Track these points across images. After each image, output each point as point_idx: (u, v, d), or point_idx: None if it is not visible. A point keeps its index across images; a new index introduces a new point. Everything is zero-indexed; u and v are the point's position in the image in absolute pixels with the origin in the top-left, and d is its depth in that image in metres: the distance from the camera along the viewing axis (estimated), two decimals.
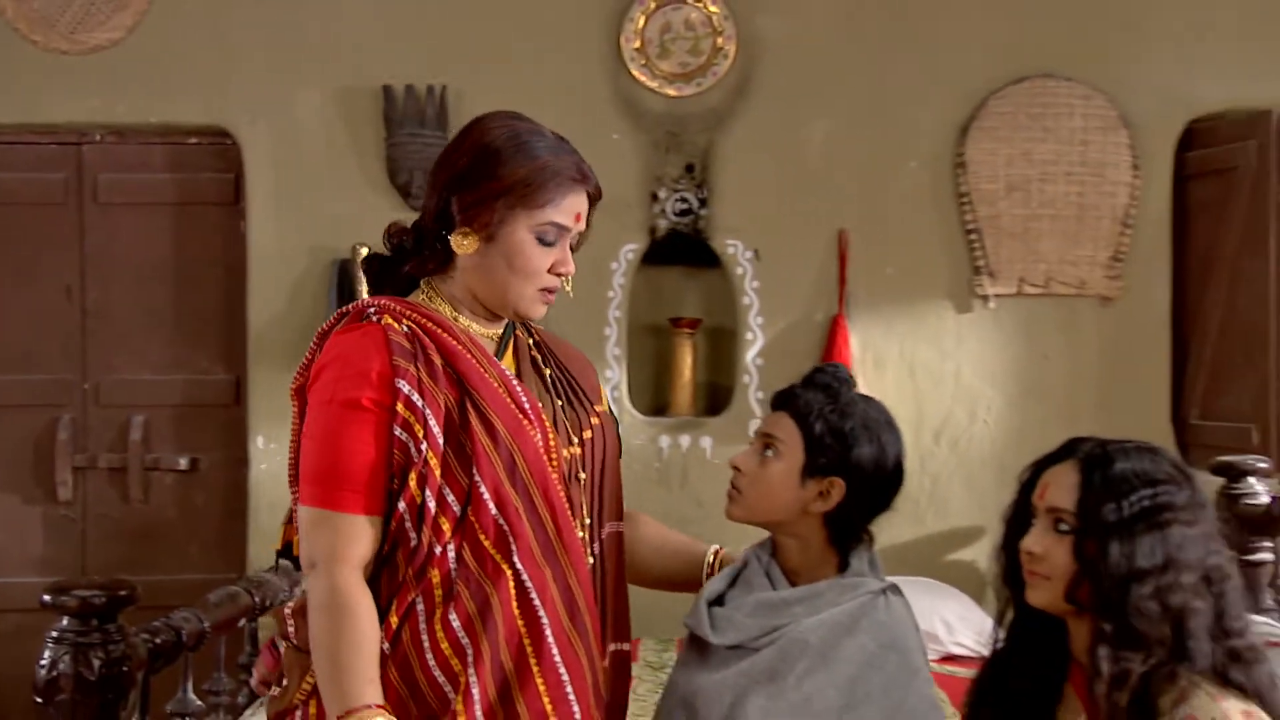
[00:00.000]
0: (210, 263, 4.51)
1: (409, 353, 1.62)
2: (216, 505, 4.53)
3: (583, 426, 1.79)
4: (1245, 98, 4.33)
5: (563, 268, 1.72)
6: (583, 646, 1.63)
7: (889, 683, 1.69)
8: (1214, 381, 4.30)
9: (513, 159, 1.67)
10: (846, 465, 1.75)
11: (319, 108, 4.39)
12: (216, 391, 4.52)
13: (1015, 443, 4.35)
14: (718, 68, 4.38)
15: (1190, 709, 1.49)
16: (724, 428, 4.41)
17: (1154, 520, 1.54)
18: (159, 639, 2.43)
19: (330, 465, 1.60)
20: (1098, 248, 4.37)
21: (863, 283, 4.39)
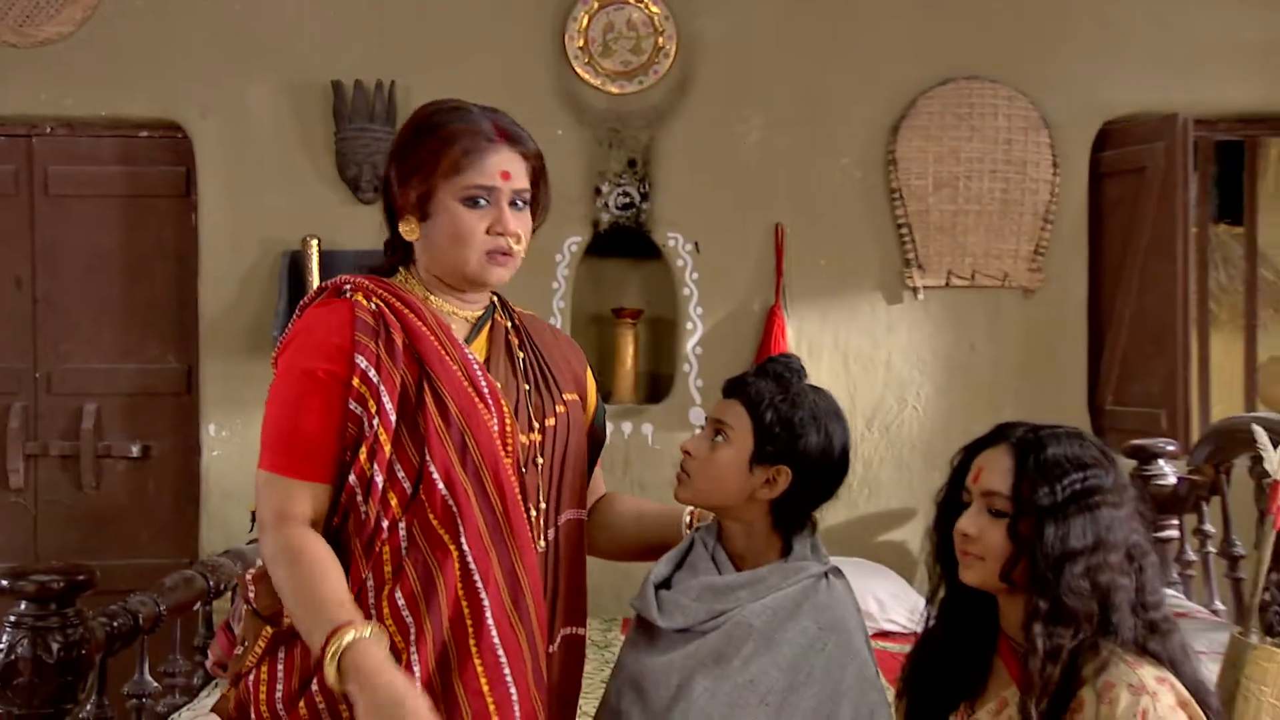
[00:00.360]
0: (161, 254, 4.52)
1: (371, 329, 1.65)
2: (168, 492, 4.55)
3: (547, 413, 1.78)
4: (1154, 101, 4.45)
5: (499, 227, 1.70)
6: (524, 630, 1.63)
7: (829, 663, 1.71)
8: (1126, 370, 4.40)
9: (427, 137, 1.71)
10: (794, 454, 1.75)
11: (269, 102, 4.41)
12: (168, 380, 4.54)
13: (943, 427, 4.47)
14: (659, 66, 4.45)
15: (1109, 677, 1.55)
16: (665, 415, 4.48)
17: (1085, 503, 1.59)
18: (116, 622, 2.44)
19: (282, 431, 1.63)
20: (1020, 242, 4.46)
21: (798, 275, 4.47)
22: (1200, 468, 3.46)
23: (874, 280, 4.51)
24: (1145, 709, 1.51)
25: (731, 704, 1.67)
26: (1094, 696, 1.56)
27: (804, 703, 1.68)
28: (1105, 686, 1.55)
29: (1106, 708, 1.54)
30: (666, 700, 1.69)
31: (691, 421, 4.46)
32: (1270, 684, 1.79)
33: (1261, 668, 1.79)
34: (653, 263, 4.58)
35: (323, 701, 1.58)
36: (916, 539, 4.43)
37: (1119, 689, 1.54)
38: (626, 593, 4.47)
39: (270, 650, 1.65)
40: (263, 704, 1.63)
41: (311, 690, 1.58)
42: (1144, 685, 1.53)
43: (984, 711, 1.70)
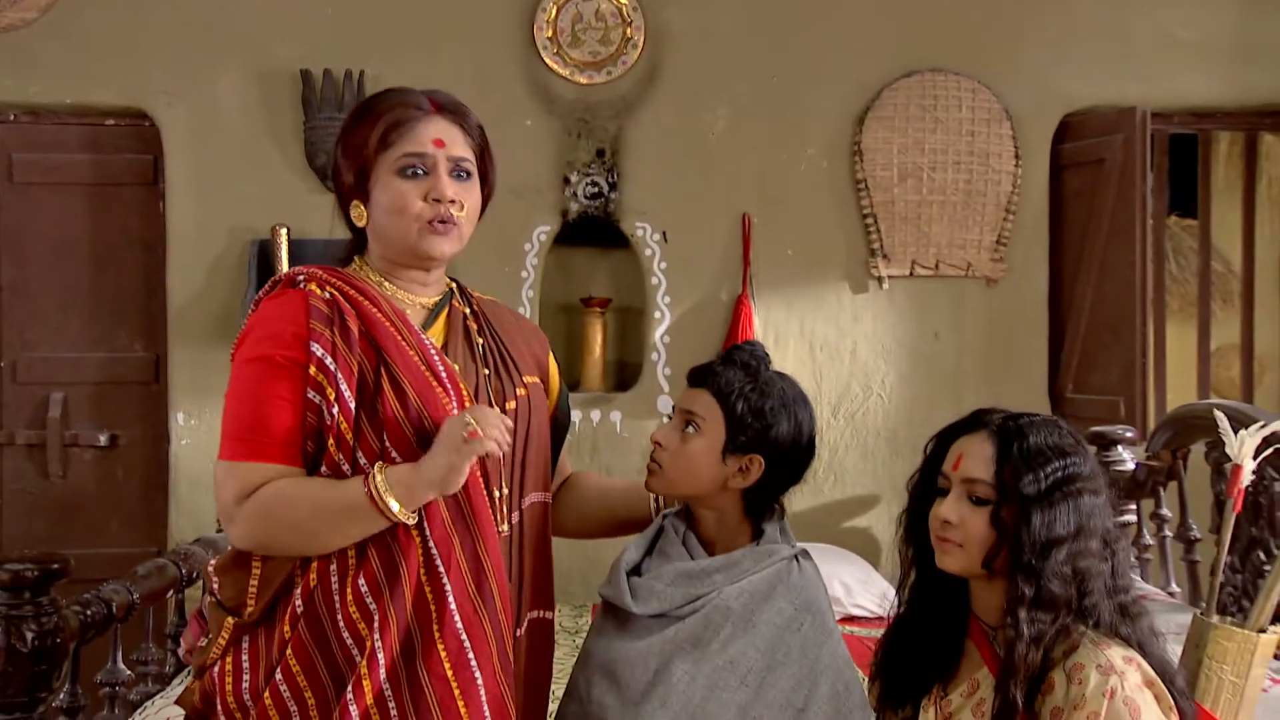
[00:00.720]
0: (128, 242, 4.47)
1: (326, 318, 1.63)
2: (136, 481, 4.51)
3: (507, 397, 1.76)
4: (1112, 95, 4.49)
5: (435, 193, 1.68)
6: (488, 615, 1.62)
7: (805, 643, 1.72)
8: (1086, 358, 4.44)
9: (357, 122, 1.71)
10: (766, 443, 1.75)
11: (238, 90, 4.37)
12: (136, 369, 4.49)
13: (907, 415, 4.51)
14: (627, 57, 4.44)
15: (1079, 658, 1.58)
16: (633, 403, 4.49)
17: (1067, 490, 1.61)
18: (90, 611, 2.42)
19: (244, 420, 1.60)
20: (983, 232, 4.49)
21: (765, 264, 4.48)
22: (1158, 454, 3.51)
23: (840, 269, 4.53)
24: (1113, 688, 1.54)
25: (711, 685, 1.68)
26: (1064, 677, 1.58)
27: (783, 682, 1.69)
28: (1075, 667, 1.57)
29: (1076, 687, 1.56)
30: (643, 685, 1.69)
31: (659, 409, 4.47)
32: (1230, 662, 1.82)
33: (1222, 647, 1.82)
34: (621, 252, 4.58)
35: (288, 691, 1.58)
36: (881, 525, 4.47)
37: (1088, 669, 1.56)
38: (595, 579, 4.48)
39: (234, 641, 1.64)
40: (229, 695, 1.62)
41: (276, 681, 1.58)
42: (1112, 665, 1.56)
43: (956, 694, 1.71)
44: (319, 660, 1.58)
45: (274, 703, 1.58)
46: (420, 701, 1.56)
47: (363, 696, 1.54)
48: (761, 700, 1.68)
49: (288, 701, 1.57)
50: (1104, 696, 1.54)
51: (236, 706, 1.61)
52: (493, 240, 4.36)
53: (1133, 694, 1.55)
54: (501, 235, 4.39)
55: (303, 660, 1.58)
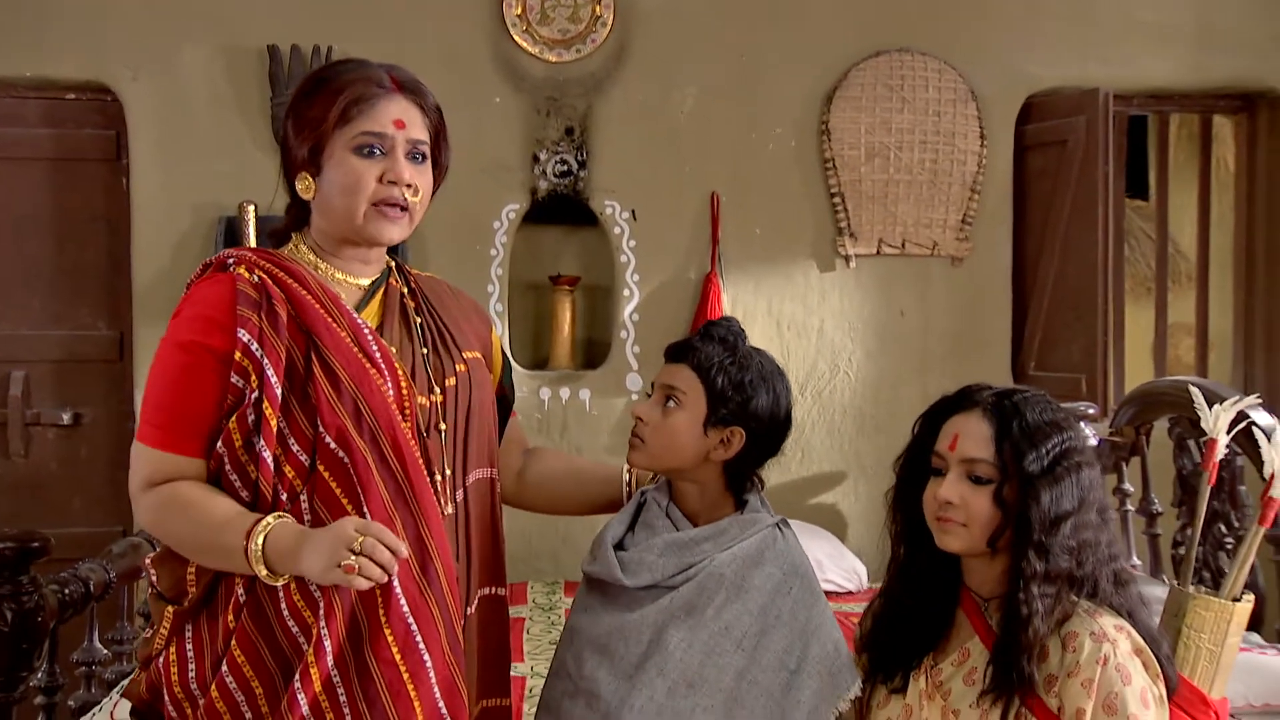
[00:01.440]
0: (92, 218, 4.38)
1: (253, 302, 1.59)
2: (100, 459, 4.43)
3: (446, 374, 1.73)
4: (1076, 77, 4.53)
5: (391, 175, 1.64)
6: (434, 597, 1.59)
7: (795, 606, 1.74)
8: (1048, 336, 4.49)
9: (315, 92, 1.66)
10: (746, 415, 1.77)
11: (203, 66, 4.29)
12: (99, 347, 4.41)
13: (874, 392, 4.54)
14: (596, 35, 4.41)
15: (1073, 627, 1.61)
16: (602, 380, 4.47)
17: (1068, 464, 1.63)
18: (68, 590, 2.39)
19: (160, 404, 1.59)
20: (949, 211, 4.51)
21: (733, 242, 4.48)
22: (1121, 429, 3.56)
23: (807, 248, 4.54)
24: (1106, 655, 1.58)
25: (708, 651, 1.70)
26: (1059, 645, 1.61)
27: (775, 644, 1.72)
28: (1069, 636, 1.61)
29: (1071, 655, 1.59)
30: (637, 657, 1.70)
31: (628, 387, 4.47)
32: (1207, 630, 1.85)
33: (1200, 616, 1.85)
34: (590, 230, 4.56)
35: (234, 682, 1.55)
36: (848, 501, 4.50)
37: (1082, 637, 1.60)
38: (565, 556, 4.51)
39: (177, 630, 1.62)
40: (175, 685, 1.60)
41: (223, 673, 1.55)
42: (1105, 634, 1.59)
43: (947, 663, 1.74)
44: (264, 650, 1.55)
45: (221, 694, 1.55)
46: (369, 687, 1.53)
47: (310, 684, 1.51)
48: (757, 664, 1.71)
49: (234, 692, 1.55)
50: (1098, 664, 1.57)
51: (184, 696, 1.59)
52: (462, 218, 4.33)
53: (1124, 661, 1.59)
54: (471, 213, 4.35)
55: (248, 651, 1.55)
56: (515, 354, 4.50)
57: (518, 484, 1.94)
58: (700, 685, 1.69)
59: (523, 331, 4.59)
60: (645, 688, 1.68)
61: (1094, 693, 1.57)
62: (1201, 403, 2.00)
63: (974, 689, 1.66)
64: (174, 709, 1.60)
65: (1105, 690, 1.57)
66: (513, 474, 1.94)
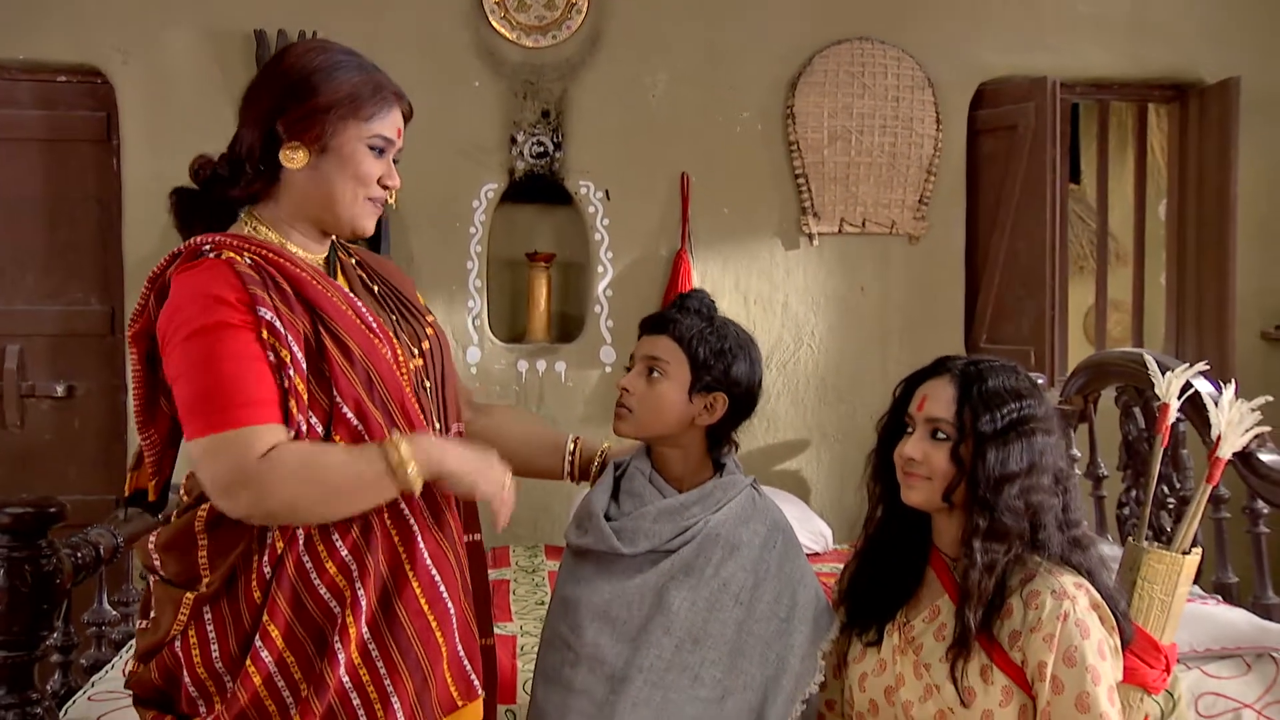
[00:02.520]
0: (83, 198, 4.33)
1: (259, 282, 1.53)
2: (93, 430, 4.40)
3: (420, 338, 1.74)
4: (1025, 65, 4.58)
5: (389, 180, 1.68)
6: (449, 544, 1.63)
7: (781, 558, 1.81)
8: (999, 310, 4.54)
9: (337, 74, 1.63)
10: (728, 380, 1.82)
11: (191, 49, 4.24)
12: (92, 322, 4.37)
13: (835, 364, 4.58)
14: (571, 22, 4.41)
15: (1034, 586, 1.66)
16: (576, 353, 4.49)
17: (1021, 429, 1.68)
18: (80, 553, 2.38)
19: (215, 389, 1.48)
20: (907, 192, 4.55)
21: (702, 221, 4.50)
22: (1070, 398, 3.63)
23: (773, 227, 4.56)
24: (1066, 611, 1.63)
25: (710, 607, 1.75)
26: (1021, 603, 1.66)
27: (767, 595, 1.78)
28: (1031, 594, 1.66)
29: (1033, 612, 1.64)
30: (642, 619, 1.75)
31: (602, 360, 4.49)
32: (1159, 581, 1.92)
33: (1154, 568, 1.92)
34: (565, 209, 4.56)
35: (268, 655, 1.54)
36: (811, 467, 4.55)
37: (1044, 595, 1.65)
38: (544, 521, 4.50)
39: (195, 615, 1.57)
40: (198, 667, 1.56)
41: (256, 648, 1.53)
42: (1064, 591, 1.64)
43: (918, 619, 1.78)
44: (296, 620, 1.54)
45: (256, 668, 1.53)
46: (401, 637, 1.56)
47: (349, 643, 1.53)
48: (753, 615, 1.76)
49: (269, 664, 1.53)
50: (1058, 619, 1.63)
51: (208, 676, 1.57)
52: (442, 197, 4.33)
53: (1083, 616, 1.64)
54: (450, 193, 4.35)
55: (279, 623, 1.54)
56: (493, 328, 4.50)
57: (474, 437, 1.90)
58: (705, 640, 1.73)
59: (500, 306, 4.60)
60: (653, 647, 1.72)
61: (1055, 647, 1.62)
62: (1155, 370, 2.07)
63: (944, 644, 1.71)
64: (196, 689, 1.57)
65: (1065, 644, 1.62)
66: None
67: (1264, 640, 2.66)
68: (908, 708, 1.74)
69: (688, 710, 1.70)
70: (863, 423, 4.46)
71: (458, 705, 1.61)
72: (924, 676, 1.73)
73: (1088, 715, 1.60)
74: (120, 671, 2.63)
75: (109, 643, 2.77)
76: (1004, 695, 1.65)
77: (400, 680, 1.55)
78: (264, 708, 1.53)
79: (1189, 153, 4.76)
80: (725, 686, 1.73)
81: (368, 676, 1.54)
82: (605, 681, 1.73)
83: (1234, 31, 4.70)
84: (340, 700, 1.53)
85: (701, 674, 1.72)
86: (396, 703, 1.55)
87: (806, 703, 1.77)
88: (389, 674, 1.55)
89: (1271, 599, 2.93)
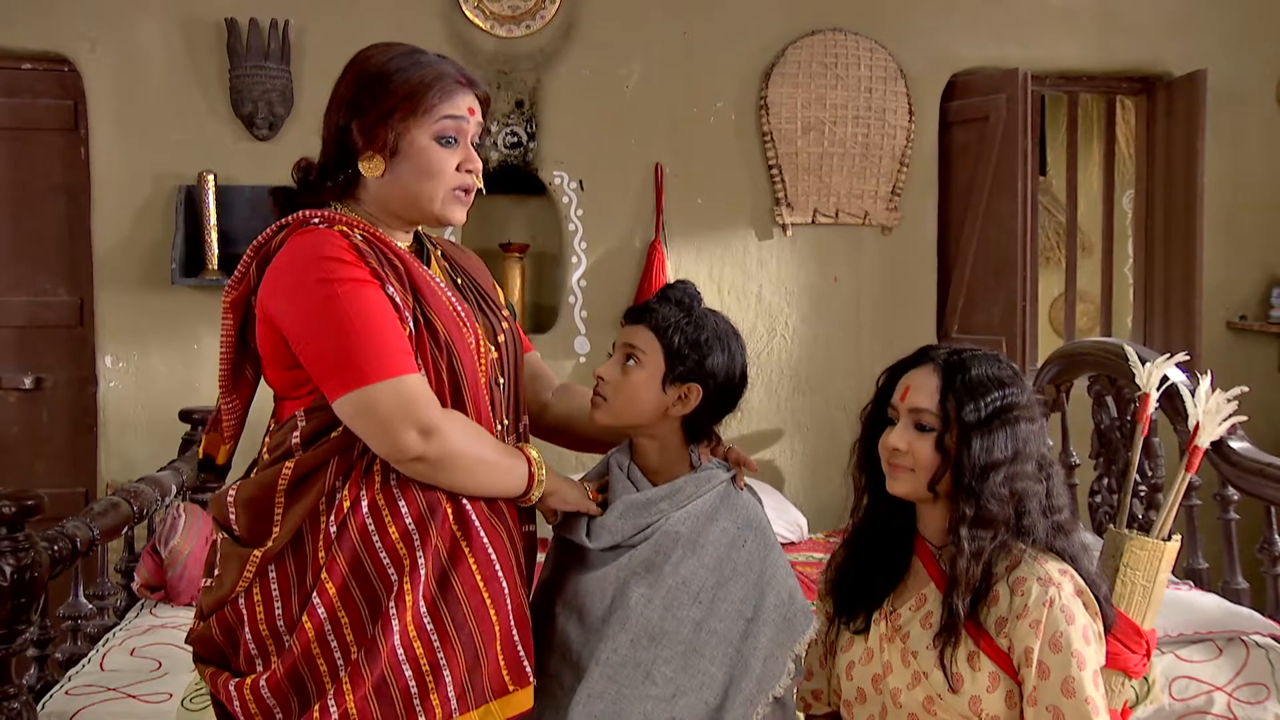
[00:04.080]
0: (51, 188, 4.27)
1: (374, 257, 1.59)
2: (62, 423, 4.34)
3: (497, 331, 1.77)
4: (996, 57, 4.62)
5: (470, 164, 1.69)
6: (503, 528, 1.66)
7: (750, 558, 1.77)
8: (971, 300, 4.58)
9: (396, 76, 1.64)
10: (702, 372, 1.79)
11: (161, 37, 4.18)
12: (60, 313, 4.31)
13: (809, 354, 4.60)
14: (545, 11, 4.39)
15: (1020, 573, 1.67)
16: (551, 343, 4.47)
17: (1005, 418, 1.67)
18: (57, 546, 2.36)
19: (364, 340, 1.52)
20: (879, 183, 4.57)
21: (676, 212, 4.50)
22: (1044, 388, 3.66)
23: (746, 217, 4.57)
24: (1052, 598, 1.64)
25: (667, 605, 1.72)
26: (1007, 590, 1.67)
27: (733, 595, 1.75)
28: (1017, 581, 1.66)
29: (1019, 599, 1.65)
30: (603, 611, 1.74)
31: (576, 350, 4.49)
32: (1141, 568, 1.93)
33: (1136, 555, 1.93)
34: (539, 199, 4.55)
35: (325, 612, 1.55)
36: (784, 457, 4.57)
37: (1029, 582, 1.65)
38: None
39: (260, 572, 1.60)
40: (261, 623, 1.59)
41: (314, 604, 1.55)
42: (1050, 578, 1.65)
43: (905, 607, 1.78)
44: (352, 579, 1.57)
45: (311, 622, 1.55)
46: (456, 612, 1.57)
47: (404, 610, 1.54)
48: (714, 614, 1.73)
49: (322, 618, 1.56)
50: (1044, 606, 1.63)
51: (269, 633, 1.59)
52: None
53: (1068, 602, 1.65)
54: None
55: (335, 579, 1.56)
56: None
57: (540, 417, 1.94)
58: (661, 638, 1.71)
59: None
60: (610, 640, 1.71)
61: (1041, 632, 1.62)
62: (1135, 361, 2.08)
63: (930, 631, 1.71)
64: (255, 646, 1.60)
65: (1051, 630, 1.63)
66: (537, 407, 1.94)
67: (1234, 624, 2.70)
68: (895, 695, 1.75)
69: (637, 707, 1.69)
70: (836, 413, 4.50)
71: (509, 689, 1.61)
72: (911, 664, 1.73)
73: (1073, 700, 1.62)
74: (98, 666, 2.61)
75: (84, 636, 2.74)
76: (991, 681, 1.66)
77: (453, 654, 1.56)
78: (315, 665, 1.55)
79: (1156, 145, 4.81)
80: (678, 685, 1.70)
81: (421, 649, 1.55)
82: (571, 669, 1.74)
83: (1201, 25, 4.76)
84: (392, 670, 1.53)
85: (653, 672, 1.70)
86: (448, 676, 1.55)
87: (778, 701, 1.76)
88: (442, 646, 1.55)
89: (1240, 584, 2.97)
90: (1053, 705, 1.62)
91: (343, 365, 1.53)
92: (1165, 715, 2.56)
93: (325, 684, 1.55)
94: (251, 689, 1.57)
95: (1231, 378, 2.10)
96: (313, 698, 1.55)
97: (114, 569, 3.11)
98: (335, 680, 1.54)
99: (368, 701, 1.52)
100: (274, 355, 1.62)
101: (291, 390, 1.64)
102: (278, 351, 1.61)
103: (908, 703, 1.73)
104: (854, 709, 1.82)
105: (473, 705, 1.57)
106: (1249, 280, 4.84)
